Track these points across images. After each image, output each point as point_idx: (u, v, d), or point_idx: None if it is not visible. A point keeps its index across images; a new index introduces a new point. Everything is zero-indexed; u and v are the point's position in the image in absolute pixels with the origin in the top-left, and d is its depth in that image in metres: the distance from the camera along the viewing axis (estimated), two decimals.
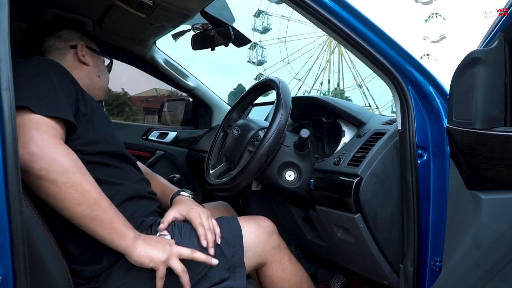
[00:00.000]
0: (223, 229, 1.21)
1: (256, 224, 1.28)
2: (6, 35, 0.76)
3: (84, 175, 0.94)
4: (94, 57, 1.43)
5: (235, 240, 1.20)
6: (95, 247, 1.06)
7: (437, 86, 1.22)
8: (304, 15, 1.17)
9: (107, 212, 0.96)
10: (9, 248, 0.74)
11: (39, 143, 0.90)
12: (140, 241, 1.01)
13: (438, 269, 1.22)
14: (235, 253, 1.19)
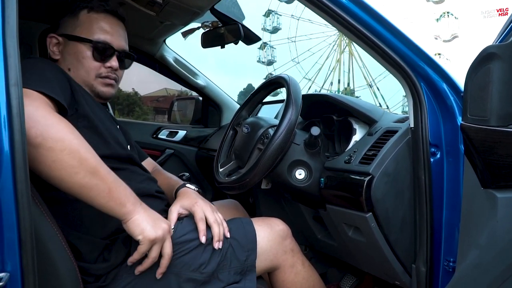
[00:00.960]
0: (237, 231, 1.19)
1: (270, 228, 1.25)
2: (14, 31, 0.76)
3: (81, 142, 0.90)
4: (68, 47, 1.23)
5: (250, 244, 1.18)
6: (104, 246, 1.06)
7: (451, 83, 1.20)
8: (316, 12, 1.16)
9: (106, 180, 0.91)
10: (17, 245, 0.74)
11: (32, 110, 0.86)
12: (139, 210, 0.97)
13: (452, 270, 1.19)
14: (249, 257, 1.17)
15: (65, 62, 1.23)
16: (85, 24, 1.23)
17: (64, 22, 1.24)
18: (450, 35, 45.20)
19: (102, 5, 1.24)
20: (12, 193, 0.73)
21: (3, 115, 0.73)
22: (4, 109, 0.73)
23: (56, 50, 1.24)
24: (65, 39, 1.23)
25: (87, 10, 1.24)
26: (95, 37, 1.22)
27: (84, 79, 1.23)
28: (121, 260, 1.06)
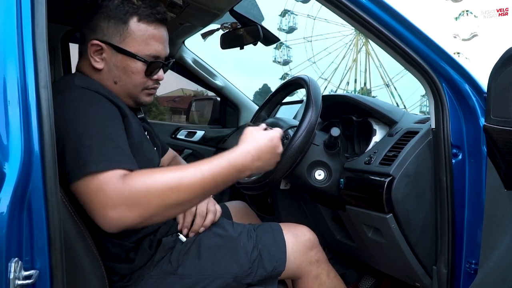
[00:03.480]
0: (266, 238, 1.18)
1: (295, 237, 1.23)
2: (44, 34, 0.78)
3: (161, 189, 0.86)
4: (115, 59, 1.10)
5: (279, 255, 1.17)
6: (130, 248, 1.07)
7: (473, 83, 1.19)
8: (335, 12, 1.16)
9: (197, 185, 0.88)
10: (47, 243, 0.76)
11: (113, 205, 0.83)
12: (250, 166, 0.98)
13: (473, 272, 1.18)
14: (276, 269, 1.16)
15: (110, 74, 1.11)
16: (135, 36, 1.09)
17: (108, 28, 1.08)
18: (469, 33, 44.51)
19: (154, 14, 1.10)
20: (42, 192, 0.75)
21: (34, 117, 0.75)
22: (35, 111, 0.75)
23: (98, 58, 1.10)
24: (111, 48, 1.09)
25: (137, 19, 1.08)
26: (147, 52, 1.11)
27: (130, 92, 1.15)
28: (145, 261, 1.07)
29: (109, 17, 1.07)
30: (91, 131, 0.90)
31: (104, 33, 1.08)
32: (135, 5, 1.08)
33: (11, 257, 0.71)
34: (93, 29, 1.09)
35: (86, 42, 1.10)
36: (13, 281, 0.70)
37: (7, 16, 0.76)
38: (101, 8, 1.07)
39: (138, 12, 1.08)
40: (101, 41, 1.08)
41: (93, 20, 1.08)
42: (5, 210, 0.70)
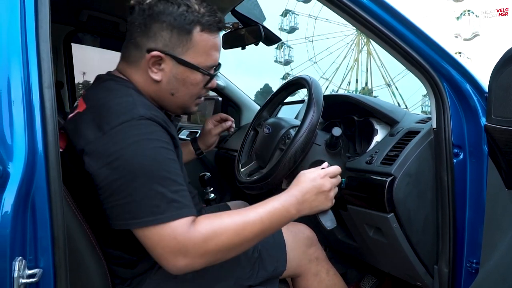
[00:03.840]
0: (266, 239, 1.13)
1: (293, 236, 1.23)
2: (48, 35, 0.79)
3: (228, 235, 0.90)
4: (175, 71, 1.04)
5: (280, 255, 1.16)
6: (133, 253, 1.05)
7: (474, 83, 1.20)
8: (336, 12, 1.16)
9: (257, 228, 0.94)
10: (50, 243, 0.77)
11: (185, 253, 0.86)
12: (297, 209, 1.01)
13: (475, 271, 1.19)
14: (277, 269, 1.16)
15: (168, 85, 1.05)
16: (198, 47, 1.03)
17: (171, 38, 1.01)
18: (471, 33, 44.45)
19: (216, 23, 1.05)
20: (46, 192, 0.76)
21: (38, 117, 0.76)
22: (38, 111, 0.76)
23: (156, 69, 1.03)
24: (172, 59, 1.02)
25: (200, 28, 1.02)
26: (208, 64, 1.06)
27: (184, 103, 1.11)
28: (147, 268, 1.06)
29: (172, 26, 0.99)
30: (161, 174, 0.87)
31: (166, 43, 1.01)
32: (199, 13, 1.02)
33: (15, 256, 0.71)
34: (152, 37, 1.00)
35: (142, 49, 1.02)
36: (17, 279, 0.70)
37: (11, 17, 0.77)
38: (163, 15, 0.99)
39: (202, 22, 1.02)
40: (162, 51, 1.01)
41: (152, 27, 1.00)
42: (9, 209, 0.71)
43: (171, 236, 0.84)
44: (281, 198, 1.00)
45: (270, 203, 0.98)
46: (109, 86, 1.01)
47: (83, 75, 4.84)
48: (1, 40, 0.76)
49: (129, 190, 0.85)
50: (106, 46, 2.61)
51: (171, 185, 0.87)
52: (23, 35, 0.77)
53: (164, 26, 0.99)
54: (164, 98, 1.08)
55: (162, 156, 0.89)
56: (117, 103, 0.93)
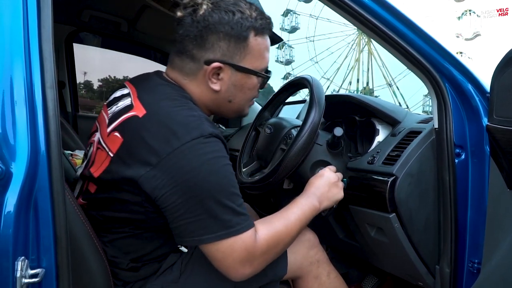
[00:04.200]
0: None
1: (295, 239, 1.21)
2: (50, 35, 0.79)
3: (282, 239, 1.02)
4: (234, 78, 1.05)
5: (280, 259, 1.15)
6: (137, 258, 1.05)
7: (476, 83, 1.20)
8: (338, 12, 1.16)
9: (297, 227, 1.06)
10: (53, 242, 0.77)
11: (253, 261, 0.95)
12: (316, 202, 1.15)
13: (476, 271, 1.19)
14: (278, 273, 1.16)
15: (226, 93, 1.06)
16: (254, 52, 1.04)
17: (229, 47, 1.01)
18: (472, 33, 44.39)
19: (267, 25, 1.06)
20: (48, 192, 0.76)
21: (40, 117, 0.76)
22: (41, 111, 0.76)
23: (214, 79, 1.03)
24: (230, 68, 1.03)
25: (254, 33, 1.02)
26: (263, 66, 1.08)
27: (240, 107, 1.12)
28: (150, 273, 1.06)
29: (230, 35, 0.99)
30: (230, 190, 0.93)
31: (224, 53, 1.01)
32: (252, 18, 1.02)
33: (18, 255, 0.72)
34: (209, 49, 1.00)
35: (199, 61, 1.01)
36: (20, 279, 0.71)
37: (13, 18, 0.77)
38: (220, 25, 0.98)
39: (256, 26, 1.02)
40: (221, 61, 1.01)
41: (209, 38, 0.99)
42: (12, 209, 0.72)
43: (242, 247, 0.92)
44: (303, 198, 1.15)
45: (298, 202, 1.12)
46: (169, 94, 1.01)
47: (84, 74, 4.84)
48: (4, 40, 0.76)
49: (205, 207, 0.89)
50: (107, 46, 2.61)
51: (237, 200, 0.94)
52: (25, 35, 0.77)
53: (221, 36, 0.99)
54: (221, 105, 1.09)
55: (229, 172, 0.94)
56: (184, 116, 0.94)
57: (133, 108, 0.99)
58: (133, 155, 0.92)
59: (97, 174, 0.98)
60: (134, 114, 0.97)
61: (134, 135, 0.94)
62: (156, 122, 0.93)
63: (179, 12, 1.02)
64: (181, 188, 0.88)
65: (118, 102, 1.05)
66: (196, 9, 0.99)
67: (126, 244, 1.03)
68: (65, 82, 2.42)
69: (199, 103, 1.05)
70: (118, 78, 8.40)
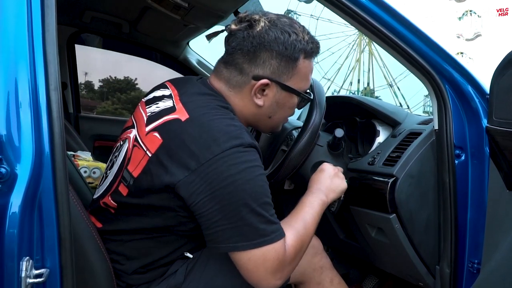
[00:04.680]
0: None
1: None
2: (54, 37, 0.80)
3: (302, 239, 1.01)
4: (278, 96, 1.07)
5: None
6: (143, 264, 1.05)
7: (476, 85, 1.20)
8: (337, 13, 1.17)
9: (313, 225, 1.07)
10: (57, 243, 0.78)
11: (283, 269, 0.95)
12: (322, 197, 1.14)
13: (476, 271, 1.19)
14: None
15: (268, 109, 1.08)
16: (301, 73, 1.06)
17: (279, 66, 1.03)
18: (473, 33, 44.28)
19: (317, 49, 1.08)
20: (52, 193, 0.77)
21: (44, 119, 0.77)
22: (45, 113, 0.77)
23: (259, 95, 1.05)
24: (277, 86, 1.05)
25: (303, 56, 1.05)
26: (306, 87, 1.11)
27: (278, 123, 1.17)
28: (156, 277, 1.06)
29: (282, 55, 1.01)
30: (264, 200, 0.94)
31: (274, 71, 1.03)
32: (304, 41, 1.04)
33: (23, 256, 0.73)
34: (260, 65, 1.02)
35: (248, 75, 1.03)
36: (24, 279, 0.71)
37: (18, 20, 0.78)
38: (275, 44, 1.00)
39: (306, 50, 1.05)
40: (269, 79, 1.03)
41: (261, 55, 1.01)
42: (17, 210, 0.72)
43: (274, 256, 0.92)
44: (310, 196, 1.13)
45: (307, 201, 1.11)
46: (213, 103, 1.02)
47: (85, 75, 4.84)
48: (9, 43, 0.77)
49: (240, 214, 0.90)
50: (109, 47, 2.62)
51: (270, 209, 0.94)
52: (30, 38, 0.78)
53: (274, 54, 1.01)
54: (260, 120, 1.12)
55: (264, 182, 0.95)
56: (226, 125, 0.95)
57: (176, 111, 0.99)
58: (172, 158, 0.92)
59: (136, 174, 0.97)
60: (177, 117, 0.97)
61: (175, 138, 0.94)
62: (198, 128, 0.94)
63: (233, 26, 1.04)
64: (219, 195, 0.89)
65: (159, 102, 1.05)
66: (253, 25, 1.01)
67: (143, 246, 1.03)
68: (67, 83, 2.43)
69: (239, 116, 1.07)
70: (119, 79, 8.38)
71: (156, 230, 1.01)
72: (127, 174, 1.00)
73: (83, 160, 1.66)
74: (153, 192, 0.95)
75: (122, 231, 1.02)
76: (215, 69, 1.10)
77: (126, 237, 1.03)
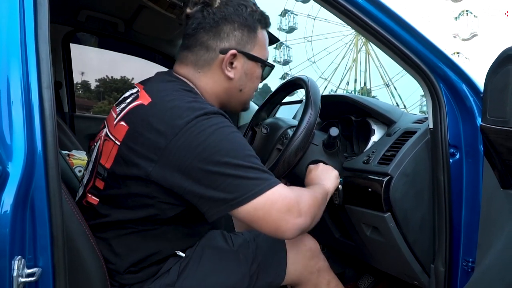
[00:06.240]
0: (266, 250, 1.17)
1: (295, 247, 1.21)
2: (47, 36, 0.80)
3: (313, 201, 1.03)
4: (246, 66, 1.12)
5: (279, 267, 1.16)
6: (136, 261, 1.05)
7: (470, 84, 1.20)
8: (334, 13, 1.17)
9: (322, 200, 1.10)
10: (49, 242, 0.77)
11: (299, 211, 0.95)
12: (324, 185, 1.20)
13: (470, 270, 1.20)
14: (275, 280, 1.16)
15: (238, 82, 1.12)
16: (261, 43, 1.13)
17: (243, 37, 1.08)
18: (469, 33, 44.49)
19: (268, 19, 1.16)
20: (45, 191, 0.76)
21: (37, 117, 0.76)
22: (37, 111, 0.77)
23: (229, 68, 1.09)
24: (243, 56, 1.10)
25: (260, 26, 1.12)
26: (266, 56, 1.17)
27: (247, 97, 1.19)
28: (149, 276, 1.06)
29: (244, 25, 1.08)
30: (247, 153, 0.94)
31: (238, 42, 1.08)
32: (258, 13, 1.11)
33: (15, 255, 0.72)
34: (224, 38, 1.07)
35: (215, 51, 1.07)
36: (16, 278, 0.71)
37: (10, 18, 0.77)
38: (235, 16, 1.07)
39: (261, 20, 1.12)
40: (236, 49, 1.07)
41: (224, 28, 1.06)
42: (8, 209, 0.72)
43: (281, 196, 0.92)
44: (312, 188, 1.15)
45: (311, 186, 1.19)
46: (176, 87, 1.04)
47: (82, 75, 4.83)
48: (1, 41, 0.77)
49: (226, 173, 0.90)
50: (104, 46, 2.61)
51: (256, 160, 0.95)
52: (22, 36, 0.78)
53: (236, 26, 1.07)
54: (232, 95, 1.14)
55: (240, 137, 0.96)
56: (188, 102, 0.97)
57: (139, 98, 1.03)
58: (141, 141, 0.94)
59: (109, 165, 0.99)
60: (140, 102, 1.00)
61: (140, 122, 0.96)
62: (162, 108, 0.96)
63: (188, 9, 1.08)
64: (196, 163, 0.90)
65: (127, 100, 1.08)
66: (209, 3, 1.06)
67: (133, 242, 1.03)
68: (62, 82, 2.42)
69: (211, 95, 1.11)
70: (115, 78, 8.37)
71: (139, 222, 1.01)
72: (101, 168, 1.02)
73: (78, 159, 1.66)
74: (128, 178, 0.96)
75: (106, 225, 1.03)
76: (178, 57, 1.13)
77: (111, 234, 1.03)
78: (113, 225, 1.03)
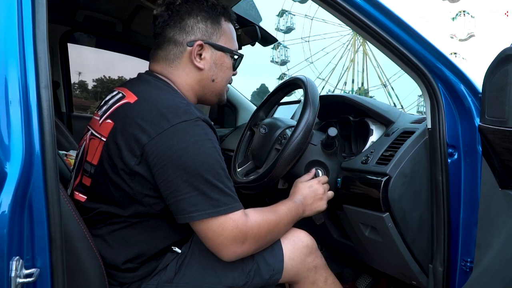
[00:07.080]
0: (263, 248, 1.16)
1: (292, 244, 1.21)
2: (45, 35, 0.79)
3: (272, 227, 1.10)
4: (214, 57, 1.18)
5: (276, 264, 1.16)
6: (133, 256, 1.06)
7: (468, 84, 1.20)
8: (331, 12, 1.17)
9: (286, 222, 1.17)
10: (47, 242, 0.77)
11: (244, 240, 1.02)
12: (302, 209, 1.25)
13: (469, 270, 1.20)
14: (273, 277, 1.16)
15: (209, 72, 1.18)
16: (227, 34, 1.19)
17: (207, 28, 1.15)
18: (466, 34, 44.60)
19: (232, 14, 1.23)
20: (43, 192, 0.76)
21: (35, 117, 0.76)
22: (35, 111, 0.76)
23: (198, 59, 1.15)
24: (210, 47, 1.16)
25: (224, 18, 1.19)
26: (234, 48, 1.22)
27: (222, 89, 1.24)
28: (147, 274, 1.07)
29: (206, 18, 1.15)
30: (219, 171, 0.99)
31: (203, 33, 1.15)
32: (220, 6, 1.18)
33: (13, 255, 0.72)
34: (189, 32, 1.13)
35: (182, 44, 1.13)
36: (14, 279, 0.71)
37: (8, 17, 0.77)
38: (197, 10, 1.14)
39: (224, 13, 1.19)
40: (202, 40, 1.14)
41: (188, 22, 1.13)
42: (6, 209, 0.72)
43: (233, 226, 0.98)
44: (290, 201, 1.23)
45: (287, 204, 1.21)
46: (159, 85, 1.12)
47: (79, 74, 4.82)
48: None
49: (193, 185, 0.96)
50: (102, 46, 2.61)
51: (226, 181, 1.00)
52: (20, 35, 0.78)
53: (199, 19, 1.14)
54: (205, 85, 1.19)
55: (218, 155, 1.01)
56: (174, 102, 1.03)
57: (125, 97, 1.08)
58: (125, 137, 0.99)
59: (96, 161, 1.04)
60: (126, 101, 1.06)
61: (126, 118, 1.01)
62: (147, 106, 1.01)
63: (155, 11, 1.17)
64: (170, 166, 0.95)
65: (109, 102, 1.12)
66: (172, 2, 1.14)
67: (127, 235, 1.06)
68: (59, 82, 2.42)
69: (187, 89, 1.16)
70: (113, 78, 8.37)
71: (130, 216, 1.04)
72: (88, 165, 1.07)
73: None
74: (114, 173, 1.00)
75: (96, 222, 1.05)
76: (151, 57, 1.20)
77: (105, 229, 1.05)
78: (104, 221, 1.05)
